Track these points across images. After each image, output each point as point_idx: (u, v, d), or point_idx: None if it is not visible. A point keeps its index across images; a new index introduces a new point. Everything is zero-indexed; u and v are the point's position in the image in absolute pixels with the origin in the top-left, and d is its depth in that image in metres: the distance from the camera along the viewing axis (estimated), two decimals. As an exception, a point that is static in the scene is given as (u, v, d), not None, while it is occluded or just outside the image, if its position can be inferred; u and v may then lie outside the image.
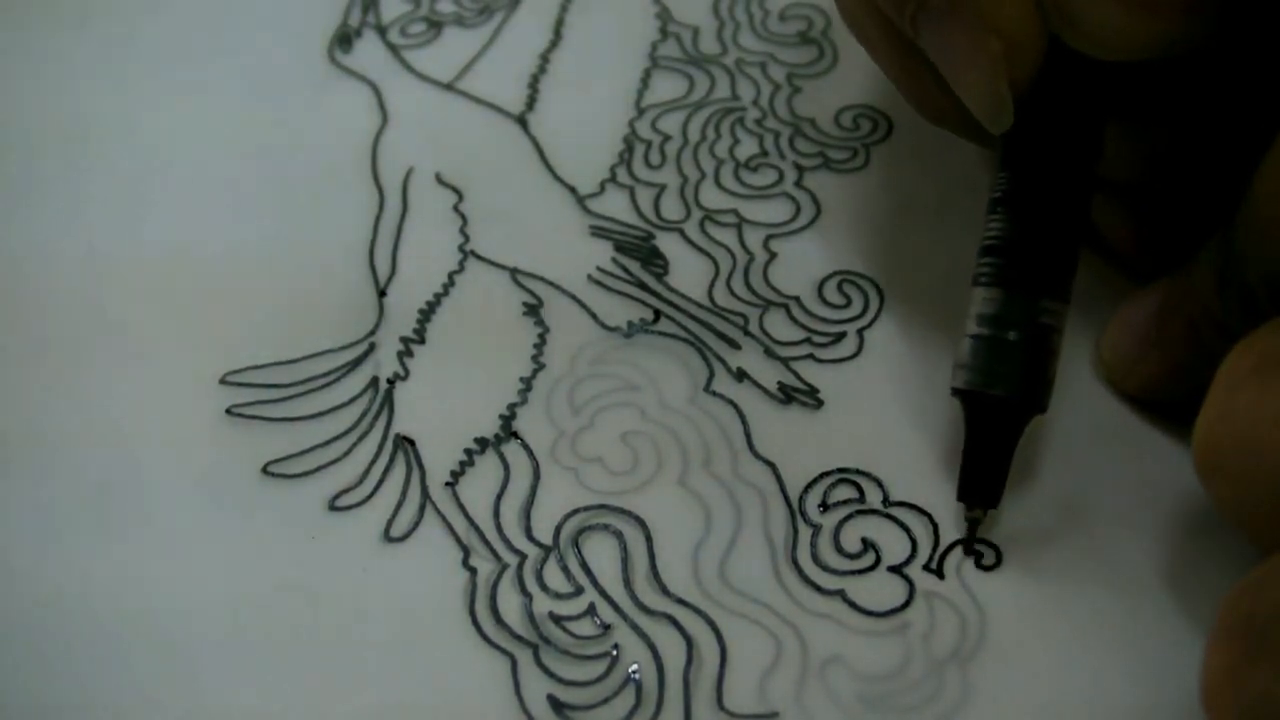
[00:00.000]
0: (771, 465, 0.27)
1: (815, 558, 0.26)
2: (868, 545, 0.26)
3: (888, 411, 0.28)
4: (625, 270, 0.30)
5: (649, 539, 0.26)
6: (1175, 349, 0.26)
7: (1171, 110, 0.27)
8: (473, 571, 0.26)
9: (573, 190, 0.32)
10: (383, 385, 0.29)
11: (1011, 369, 0.24)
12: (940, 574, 0.25)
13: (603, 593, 0.25)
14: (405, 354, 0.29)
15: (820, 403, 0.28)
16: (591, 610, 0.25)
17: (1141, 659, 0.24)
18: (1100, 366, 0.28)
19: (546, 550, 0.26)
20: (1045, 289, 0.24)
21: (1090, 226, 0.26)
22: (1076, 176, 0.25)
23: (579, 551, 0.26)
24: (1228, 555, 0.24)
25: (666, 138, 0.33)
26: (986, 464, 0.25)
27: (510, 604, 0.25)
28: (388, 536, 0.26)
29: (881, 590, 0.25)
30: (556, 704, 0.24)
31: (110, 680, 0.25)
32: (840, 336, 0.29)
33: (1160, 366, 0.26)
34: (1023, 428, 0.25)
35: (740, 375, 0.28)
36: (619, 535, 0.26)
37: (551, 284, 0.30)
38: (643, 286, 0.30)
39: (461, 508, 0.27)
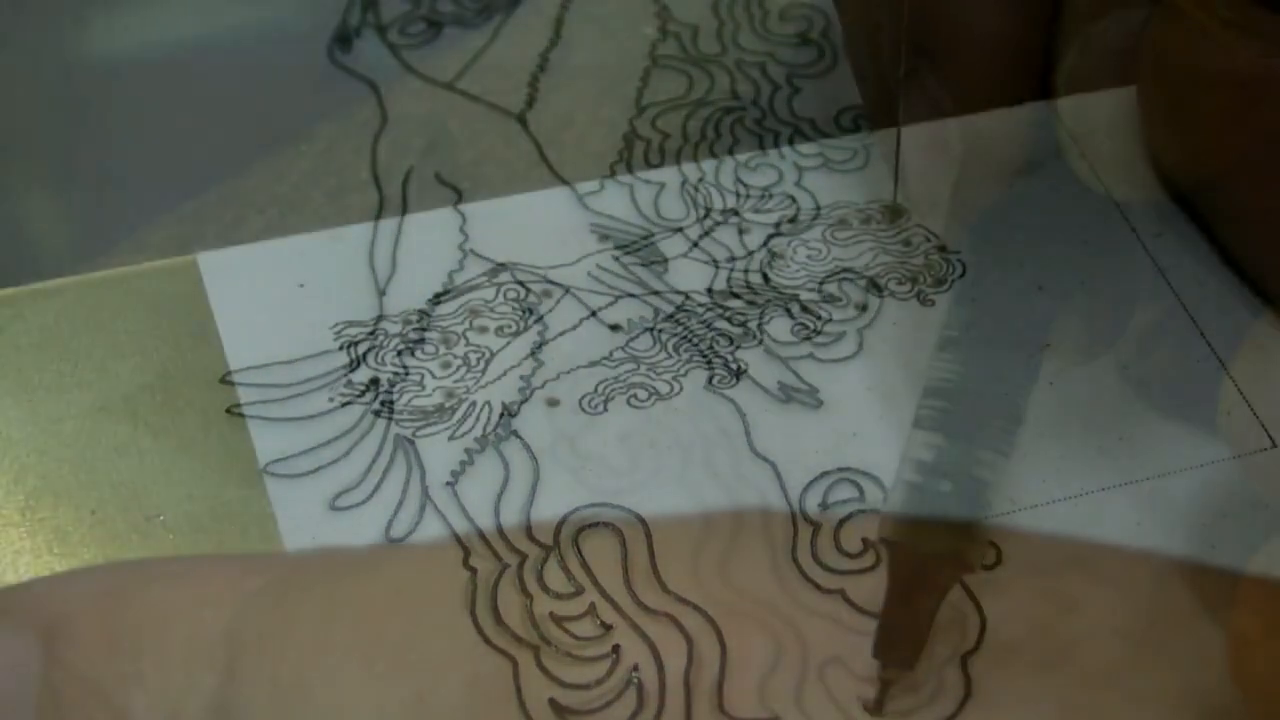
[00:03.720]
0: (771, 464, 0.27)
1: (815, 556, 0.26)
2: (868, 545, 0.26)
3: (888, 411, 0.28)
4: (625, 268, 0.30)
5: (649, 537, 0.26)
6: None
7: None
8: (473, 572, 0.26)
9: (573, 188, 0.32)
10: (383, 385, 0.29)
11: (945, 524, 0.22)
12: (940, 574, 0.25)
13: (603, 592, 0.25)
14: (406, 354, 0.29)
15: (820, 402, 0.28)
16: (592, 610, 0.25)
17: (1145, 657, 0.24)
18: None
19: (547, 550, 0.26)
20: (989, 440, 0.23)
21: None
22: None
23: (579, 551, 0.26)
24: (1239, 551, 0.24)
25: (666, 136, 0.33)
26: (907, 622, 0.23)
27: (511, 605, 0.25)
28: (388, 536, 0.26)
29: (882, 590, 0.25)
30: (558, 708, 0.24)
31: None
32: (840, 336, 0.29)
33: None
34: (949, 587, 0.23)
35: (740, 374, 0.28)
36: (619, 534, 0.26)
37: (551, 282, 0.30)
38: (643, 285, 0.30)
39: (462, 508, 0.27)
